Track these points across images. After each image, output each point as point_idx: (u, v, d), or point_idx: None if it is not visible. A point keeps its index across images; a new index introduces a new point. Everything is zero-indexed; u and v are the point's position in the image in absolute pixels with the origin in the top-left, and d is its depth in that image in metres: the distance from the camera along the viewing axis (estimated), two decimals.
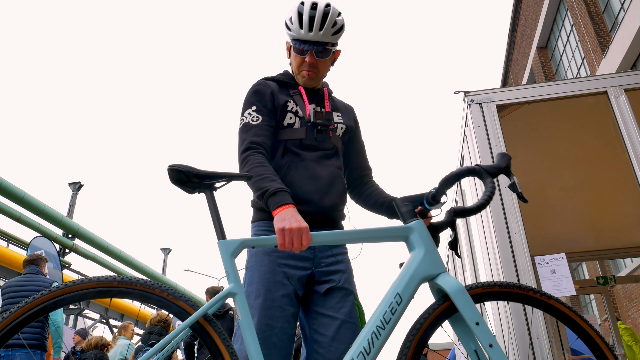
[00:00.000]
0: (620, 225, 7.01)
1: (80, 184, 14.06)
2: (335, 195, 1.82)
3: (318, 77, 1.91)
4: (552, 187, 5.84)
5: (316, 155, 1.83)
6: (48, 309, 1.29)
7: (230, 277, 1.46)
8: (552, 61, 16.11)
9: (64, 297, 1.31)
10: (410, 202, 1.65)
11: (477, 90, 3.76)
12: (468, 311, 1.44)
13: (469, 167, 1.63)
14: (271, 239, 1.53)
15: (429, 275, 1.53)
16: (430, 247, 1.57)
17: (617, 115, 3.51)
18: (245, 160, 1.71)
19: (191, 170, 1.50)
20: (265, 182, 1.62)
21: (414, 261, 1.54)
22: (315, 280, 1.77)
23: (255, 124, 1.78)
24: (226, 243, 1.49)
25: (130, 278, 1.36)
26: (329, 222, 1.82)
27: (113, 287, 1.34)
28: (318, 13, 1.79)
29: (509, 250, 3.24)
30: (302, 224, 1.51)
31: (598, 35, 11.88)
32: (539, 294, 1.54)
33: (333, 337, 1.68)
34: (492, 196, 1.54)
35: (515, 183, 1.58)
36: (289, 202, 1.58)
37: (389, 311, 1.46)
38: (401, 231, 1.60)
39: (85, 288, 1.33)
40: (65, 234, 12.79)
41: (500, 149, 3.52)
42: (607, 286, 9.12)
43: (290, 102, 1.86)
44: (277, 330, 1.64)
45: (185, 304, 1.38)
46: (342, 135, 1.93)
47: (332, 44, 1.87)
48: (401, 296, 1.49)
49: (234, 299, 1.45)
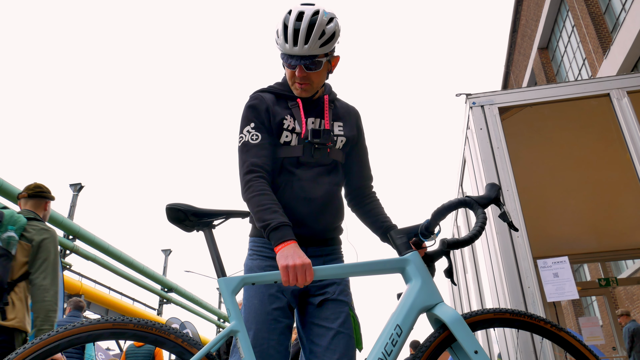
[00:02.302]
0: (622, 226, 7.01)
1: (81, 185, 14.05)
2: (329, 216, 1.81)
3: (312, 88, 1.82)
4: (554, 189, 5.83)
5: (313, 173, 1.79)
6: (62, 347, 1.31)
7: (232, 315, 1.48)
8: (553, 62, 16.09)
9: (78, 337, 1.33)
10: (405, 234, 1.69)
11: (479, 92, 3.74)
12: (466, 341, 1.47)
13: (459, 199, 1.67)
14: (272, 275, 1.56)
15: (427, 306, 1.57)
16: (426, 278, 1.60)
17: (620, 118, 3.50)
18: (247, 185, 1.68)
19: (189, 208, 1.51)
20: (267, 214, 1.60)
21: (411, 293, 1.58)
22: (310, 294, 1.78)
23: (255, 143, 1.74)
24: (227, 281, 1.51)
25: (146, 322, 1.40)
26: (323, 242, 1.82)
27: (129, 330, 1.38)
28: (303, 25, 1.68)
29: (511, 253, 3.23)
30: (305, 260, 1.52)
31: (599, 36, 11.86)
32: (536, 319, 1.56)
33: (327, 346, 1.69)
34: (483, 227, 1.58)
35: (505, 212, 1.63)
36: (291, 237, 1.57)
37: (390, 343, 1.50)
38: (397, 263, 1.63)
39: (101, 328, 1.35)
40: (66, 235, 12.78)
41: (502, 151, 3.51)
42: (609, 288, 9.11)
43: (286, 119, 1.79)
44: (273, 343, 1.67)
45: (195, 348, 1.42)
46: (342, 147, 1.88)
47: (325, 54, 1.76)
48: (401, 327, 1.52)
49: (235, 336, 1.47)
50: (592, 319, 8.19)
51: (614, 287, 10.22)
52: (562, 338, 1.55)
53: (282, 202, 1.72)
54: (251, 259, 1.79)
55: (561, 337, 1.55)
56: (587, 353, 1.53)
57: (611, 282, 8.10)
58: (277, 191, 1.75)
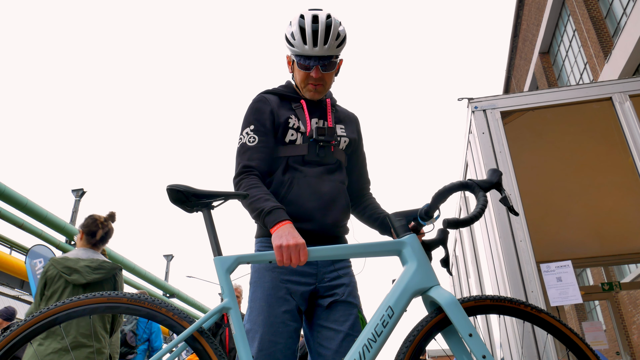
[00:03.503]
0: (625, 230, 6.98)
1: (83, 190, 14.06)
2: (338, 211, 1.82)
3: (324, 89, 1.89)
4: (556, 193, 5.83)
5: (318, 170, 1.82)
6: (60, 320, 1.36)
7: (225, 292, 1.49)
8: (554, 66, 16.10)
9: (75, 310, 1.37)
10: (403, 217, 1.66)
11: (481, 97, 3.75)
12: (461, 323, 1.44)
13: (461, 181, 1.64)
14: (267, 255, 1.56)
15: (422, 288, 1.54)
16: (422, 260, 1.57)
17: (622, 121, 3.50)
18: (238, 184, 1.74)
19: (189, 189, 1.53)
20: (260, 203, 1.64)
21: (406, 274, 1.55)
22: (318, 295, 1.77)
23: (251, 145, 1.78)
24: (222, 259, 1.52)
25: (139, 296, 1.42)
26: (332, 239, 1.82)
27: (122, 304, 1.41)
28: (320, 27, 1.75)
29: (514, 257, 3.22)
30: (298, 240, 1.52)
31: (600, 40, 11.86)
32: (530, 307, 1.53)
33: (336, 350, 1.68)
34: (484, 209, 1.57)
35: (506, 197, 1.61)
36: (285, 218, 1.59)
37: (380, 324, 1.47)
38: (394, 245, 1.61)
39: (96, 302, 1.39)
40: (68, 240, 12.79)
41: (505, 155, 3.51)
42: (612, 292, 9.07)
43: (291, 118, 1.84)
44: (281, 346, 1.65)
45: (186, 321, 1.44)
46: (345, 148, 1.92)
47: (336, 55, 1.84)
48: (393, 309, 1.49)
49: (228, 313, 1.48)
50: (596, 324, 8.15)
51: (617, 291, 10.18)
52: (543, 320, 1.52)
53: (290, 197, 1.75)
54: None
55: (542, 318, 1.52)
56: (568, 332, 1.51)
57: (614, 287, 8.06)
58: (284, 187, 1.78)
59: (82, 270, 2.99)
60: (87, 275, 2.98)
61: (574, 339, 1.51)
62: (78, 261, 3.04)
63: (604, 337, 7.16)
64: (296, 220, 1.72)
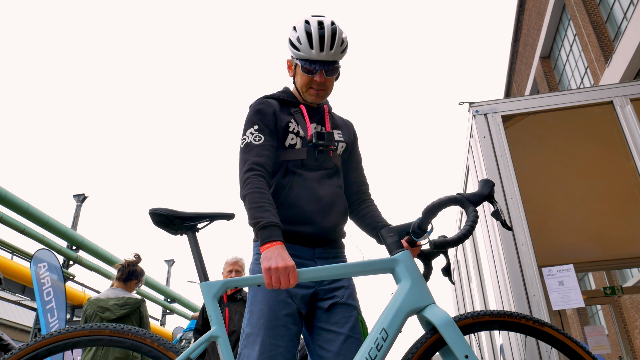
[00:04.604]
0: (627, 235, 6.96)
1: (84, 195, 14.06)
2: (336, 215, 1.83)
3: (326, 94, 1.92)
4: (558, 197, 5.82)
5: (317, 175, 1.83)
6: (40, 356, 1.31)
7: (213, 320, 1.46)
8: (555, 71, 16.11)
9: (56, 345, 1.33)
10: (396, 233, 1.63)
11: (482, 101, 3.75)
12: (457, 344, 1.42)
13: (450, 196, 1.59)
14: (255, 279, 1.54)
15: (417, 307, 1.51)
16: (417, 278, 1.54)
17: (623, 125, 3.50)
18: (246, 182, 1.69)
19: (171, 213, 1.51)
20: (259, 212, 1.61)
21: (400, 294, 1.53)
22: (318, 298, 1.77)
23: (257, 143, 1.77)
24: (208, 285, 1.50)
25: (122, 327, 1.39)
26: (330, 242, 1.83)
27: (105, 336, 1.37)
28: (327, 32, 1.78)
29: (516, 261, 3.21)
30: (288, 262, 1.50)
31: (601, 44, 11.87)
32: (532, 321, 1.50)
33: (337, 352, 1.67)
34: (474, 226, 1.51)
35: (498, 210, 1.55)
36: (278, 239, 1.56)
37: (374, 348, 1.45)
38: (386, 263, 1.58)
39: (78, 336, 1.35)
40: (70, 245, 12.78)
41: (506, 159, 3.51)
42: (615, 296, 9.03)
43: (291, 123, 1.86)
44: (282, 350, 1.64)
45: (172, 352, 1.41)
46: (342, 152, 1.95)
47: (339, 61, 1.87)
48: (387, 331, 1.47)
49: (216, 342, 1.45)
50: (598, 328, 8.11)
51: (619, 295, 10.13)
52: (546, 334, 1.49)
53: (289, 200, 1.76)
54: (257, 264, 1.78)
55: (545, 332, 1.49)
56: (574, 345, 1.48)
57: (617, 291, 8.02)
58: (283, 191, 1.78)
59: (112, 307, 3.60)
60: (116, 311, 3.59)
61: (579, 352, 1.48)
62: (108, 300, 3.67)
63: (606, 342, 7.13)
64: (295, 223, 1.72)
